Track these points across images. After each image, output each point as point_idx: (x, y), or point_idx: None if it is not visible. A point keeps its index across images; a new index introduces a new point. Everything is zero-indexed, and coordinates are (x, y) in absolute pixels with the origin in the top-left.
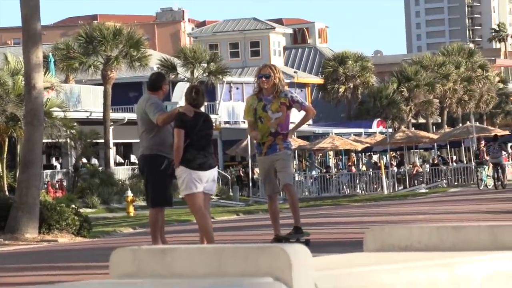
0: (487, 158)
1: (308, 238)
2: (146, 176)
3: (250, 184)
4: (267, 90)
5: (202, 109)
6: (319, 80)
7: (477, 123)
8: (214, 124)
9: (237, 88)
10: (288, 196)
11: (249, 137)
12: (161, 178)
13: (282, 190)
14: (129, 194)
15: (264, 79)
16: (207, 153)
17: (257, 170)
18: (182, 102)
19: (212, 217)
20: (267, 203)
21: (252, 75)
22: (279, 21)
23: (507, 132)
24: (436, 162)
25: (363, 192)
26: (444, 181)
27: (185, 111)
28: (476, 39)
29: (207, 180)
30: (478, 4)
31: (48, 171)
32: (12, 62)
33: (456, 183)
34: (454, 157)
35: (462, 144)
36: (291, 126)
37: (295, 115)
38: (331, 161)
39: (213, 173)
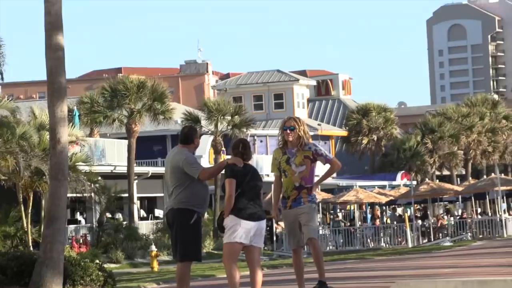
0: None
1: None
2: (175, 230)
3: (274, 238)
4: (292, 143)
5: None
6: (343, 132)
7: (502, 174)
8: None
9: (261, 141)
10: (312, 250)
11: (273, 190)
12: (190, 232)
13: (306, 244)
14: (153, 248)
15: (288, 131)
16: (257, 204)
17: (281, 224)
18: (206, 155)
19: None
20: (291, 257)
21: (276, 128)
22: (303, 73)
23: None
24: (464, 215)
25: (387, 245)
26: (469, 234)
27: (235, 162)
28: (500, 89)
29: (255, 232)
30: (502, 54)
31: (72, 226)
32: (39, 117)
33: (481, 236)
34: (479, 210)
35: (487, 196)
36: (316, 179)
37: (321, 168)
38: (356, 214)
39: (261, 225)
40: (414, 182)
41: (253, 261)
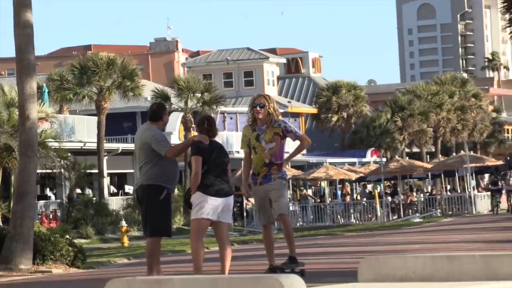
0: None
1: (303, 268)
2: (145, 206)
3: (245, 214)
4: (261, 120)
5: None
6: (312, 109)
7: (471, 152)
8: None
9: (231, 118)
10: (283, 226)
11: (243, 167)
12: (160, 208)
13: (277, 220)
14: (124, 224)
15: (258, 108)
16: (224, 180)
17: (251, 200)
18: (176, 132)
19: (206, 247)
20: (261, 233)
21: (246, 105)
22: (273, 51)
23: (500, 162)
24: (433, 191)
25: (357, 221)
26: (439, 210)
27: (201, 139)
28: (470, 68)
29: (222, 208)
30: (471, 33)
31: (42, 202)
32: (8, 93)
33: (450, 213)
34: (449, 187)
35: (456, 173)
36: (285, 156)
37: (291, 145)
38: (326, 191)
39: (229, 201)
40: (384, 159)
41: (222, 236)
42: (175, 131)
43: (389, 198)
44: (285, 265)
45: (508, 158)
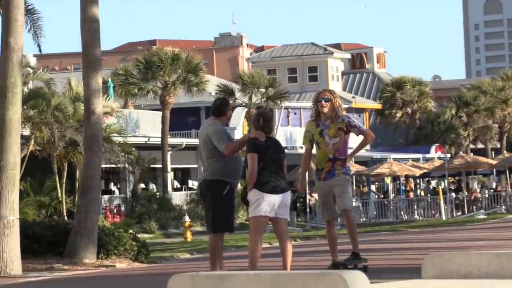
0: None
1: (366, 264)
2: (208, 201)
3: (308, 209)
4: (325, 115)
5: None
6: (377, 105)
7: None
8: None
9: (295, 113)
10: (346, 221)
11: (302, 162)
12: (223, 203)
13: (340, 215)
14: (187, 219)
15: (323, 102)
16: (280, 177)
17: (315, 195)
18: (239, 127)
19: (269, 243)
20: (325, 229)
21: (310, 100)
22: (338, 46)
23: None
24: (498, 188)
25: (421, 218)
26: (503, 207)
27: (257, 136)
28: None
29: (279, 204)
30: None
31: (106, 196)
32: (74, 88)
33: None
34: None
35: None
36: (349, 151)
37: (354, 140)
38: (389, 187)
39: (285, 197)
40: (448, 155)
41: (281, 232)
42: (239, 126)
43: (453, 194)
44: (348, 261)
45: None
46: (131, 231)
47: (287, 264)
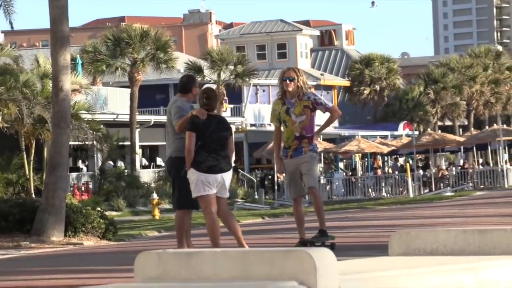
0: None
1: (333, 241)
2: (173, 178)
3: (276, 187)
4: (291, 93)
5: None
6: (345, 82)
7: (504, 125)
8: (240, 127)
9: (264, 91)
10: (313, 199)
11: (273, 141)
12: (187, 180)
13: (307, 193)
14: (155, 197)
15: (288, 81)
16: (219, 156)
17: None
18: None
19: (237, 220)
20: (292, 206)
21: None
22: (306, 23)
23: None
24: (465, 165)
25: (388, 195)
26: (470, 184)
27: (198, 114)
28: (504, 40)
29: (217, 184)
30: (507, 5)
31: (74, 174)
32: (42, 65)
33: (482, 186)
34: (481, 160)
35: (489, 147)
36: (316, 129)
37: (320, 117)
38: (357, 164)
39: (224, 176)
40: (416, 133)
41: (222, 212)
42: None
43: (421, 172)
44: (315, 238)
45: None
46: (99, 208)
47: (241, 240)
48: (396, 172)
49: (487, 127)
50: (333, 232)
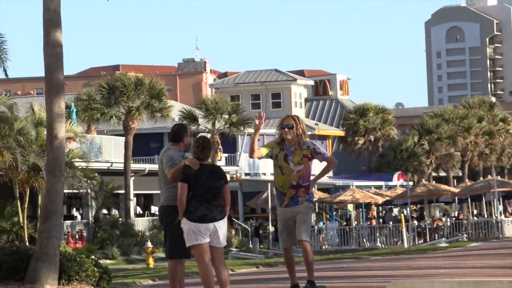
0: None
1: None
2: (165, 227)
3: (270, 236)
4: (289, 141)
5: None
6: (340, 132)
7: (499, 177)
8: (234, 176)
9: (258, 140)
10: (304, 252)
11: (269, 190)
12: (178, 229)
13: (298, 243)
14: (149, 245)
15: (287, 129)
16: (211, 205)
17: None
18: None
19: (231, 270)
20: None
21: (273, 127)
22: (301, 73)
23: None
24: (460, 216)
25: (383, 245)
26: (465, 235)
27: (190, 164)
28: (498, 92)
29: (210, 233)
30: (500, 57)
31: (68, 222)
32: (37, 112)
33: (477, 238)
34: (475, 211)
35: (483, 198)
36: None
37: (316, 166)
38: (352, 214)
39: (217, 225)
40: (411, 183)
41: (214, 260)
42: None
43: (415, 222)
44: None
45: None
46: (93, 256)
47: None
48: (391, 223)
49: (481, 178)
50: (329, 282)
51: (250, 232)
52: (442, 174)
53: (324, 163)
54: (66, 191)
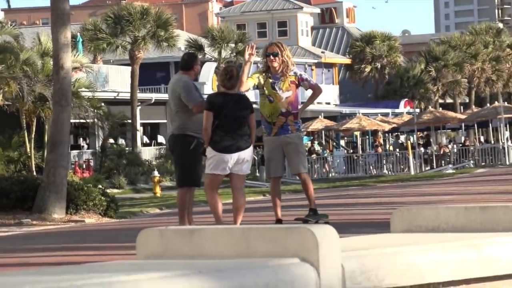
0: None
1: (327, 220)
2: (175, 156)
3: None
4: (275, 69)
5: None
6: (346, 60)
7: (505, 103)
8: None
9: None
10: (303, 184)
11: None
12: (189, 158)
13: (296, 176)
14: (156, 174)
15: (272, 57)
16: (236, 135)
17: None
18: (209, 82)
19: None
20: (294, 183)
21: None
22: (307, 1)
23: None
24: (467, 143)
25: (389, 172)
26: (471, 161)
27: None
28: (506, 18)
29: (234, 162)
30: None
31: (75, 152)
32: (44, 43)
33: (483, 164)
34: (482, 138)
35: (490, 124)
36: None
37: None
38: (358, 142)
39: (241, 155)
40: (417, 110)
41: (234, 187)
42: (208, 81)
43: (422, 149)
44: (309, 217)
45: None
46: (100, 186)
47: (236, 220)
48: (397, 150)
49: (488, 104)
50: (335, 209)
51: (257, 161)
52: (449, 101)
53: (309, 92)
54: (72, 120)
